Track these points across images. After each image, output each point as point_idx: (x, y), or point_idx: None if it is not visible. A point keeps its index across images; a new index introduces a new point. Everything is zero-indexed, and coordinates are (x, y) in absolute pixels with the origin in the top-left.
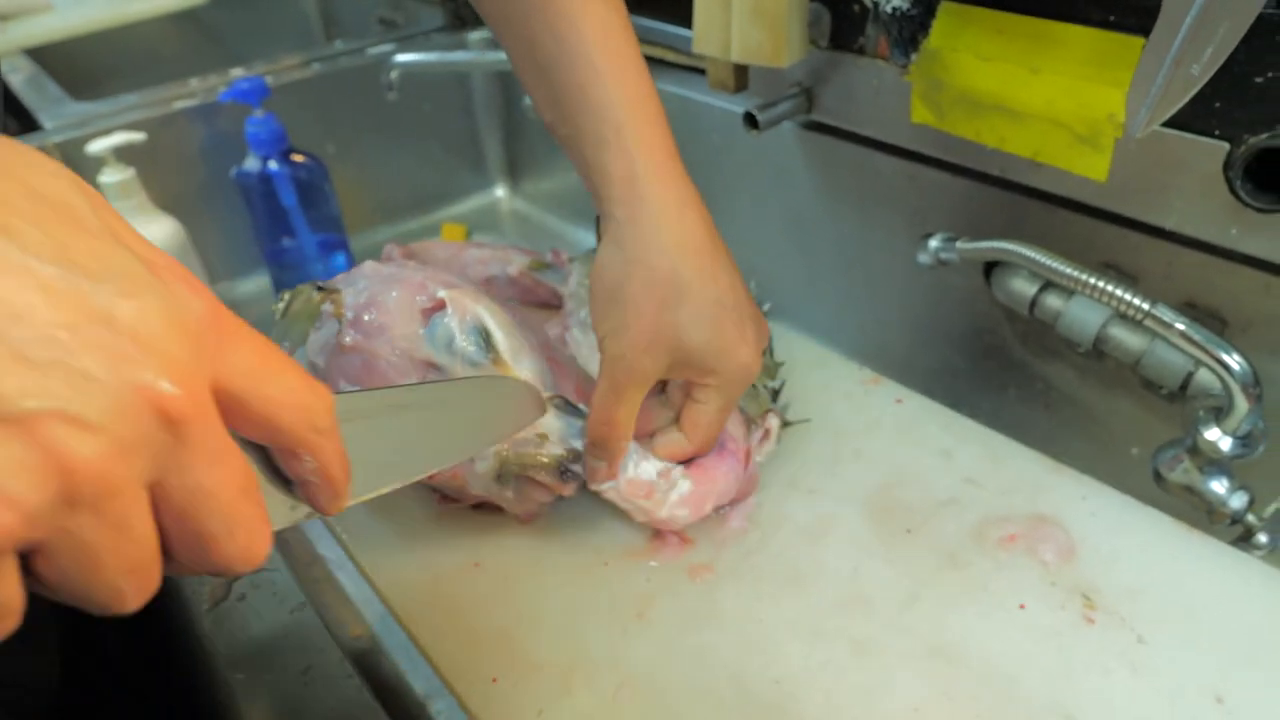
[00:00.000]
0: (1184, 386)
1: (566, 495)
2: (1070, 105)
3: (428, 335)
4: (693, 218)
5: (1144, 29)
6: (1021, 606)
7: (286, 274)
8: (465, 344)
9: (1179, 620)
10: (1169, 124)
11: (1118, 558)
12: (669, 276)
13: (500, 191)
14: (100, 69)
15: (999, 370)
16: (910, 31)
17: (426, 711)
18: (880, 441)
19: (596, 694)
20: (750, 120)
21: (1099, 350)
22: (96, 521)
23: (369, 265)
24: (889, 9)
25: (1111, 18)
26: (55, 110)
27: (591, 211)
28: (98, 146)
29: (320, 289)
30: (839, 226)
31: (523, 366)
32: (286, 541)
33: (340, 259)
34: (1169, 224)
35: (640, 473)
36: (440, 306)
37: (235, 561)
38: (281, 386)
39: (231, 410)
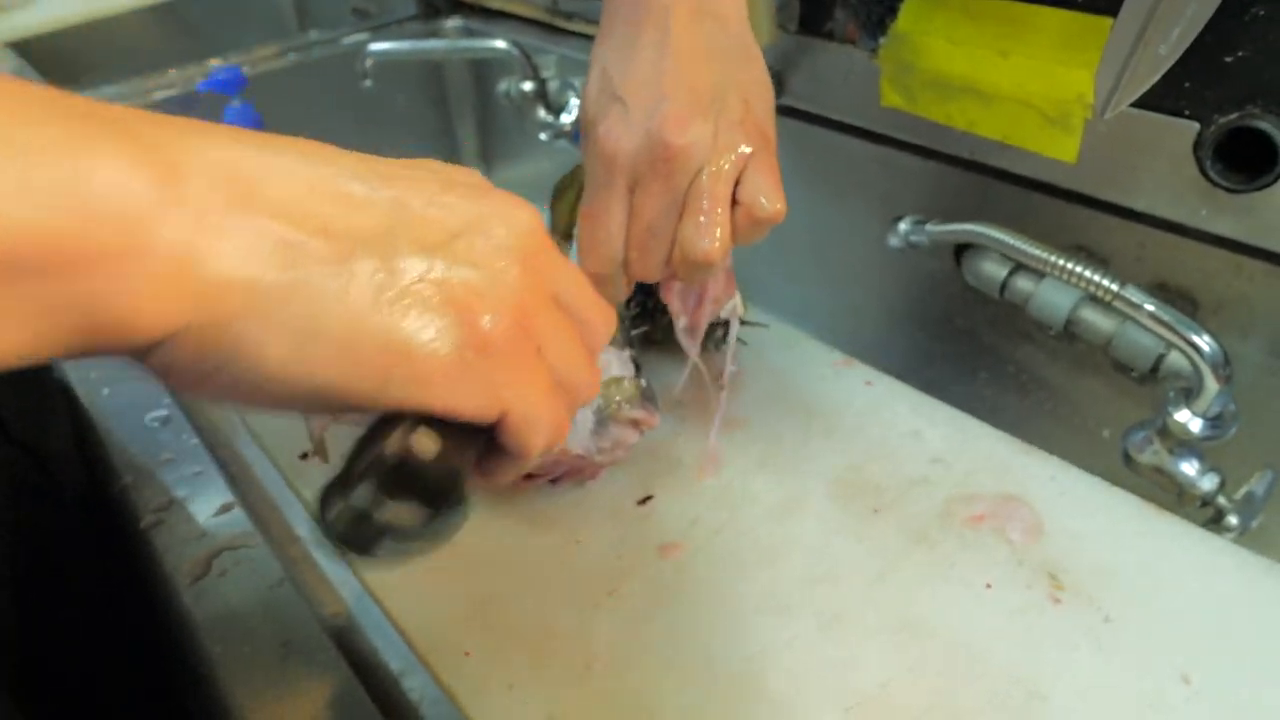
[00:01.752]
0: (1155, 369)
1: (654, 426)
2: (1040, 87)
3: None
4: (643, 15)
5: (1113, 10)
6: (988, 585)
7: None
8: None
9: (1146, 600)
10: (1139, 104)
11: (1085, 538)
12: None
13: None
14: (82, 62)
15: (970, 354)
16: (879, 14)
17: (400, 686)
18: (849, 422)
19: (567, 669)
20: None
21: (1070, 333)
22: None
23: None
24: None
25: None
26: None
27: None
28: None
29: None
30: (811, 210)
31: None
32: (265, 520)
33: None
34: (1139, 205)
35: None
36: None
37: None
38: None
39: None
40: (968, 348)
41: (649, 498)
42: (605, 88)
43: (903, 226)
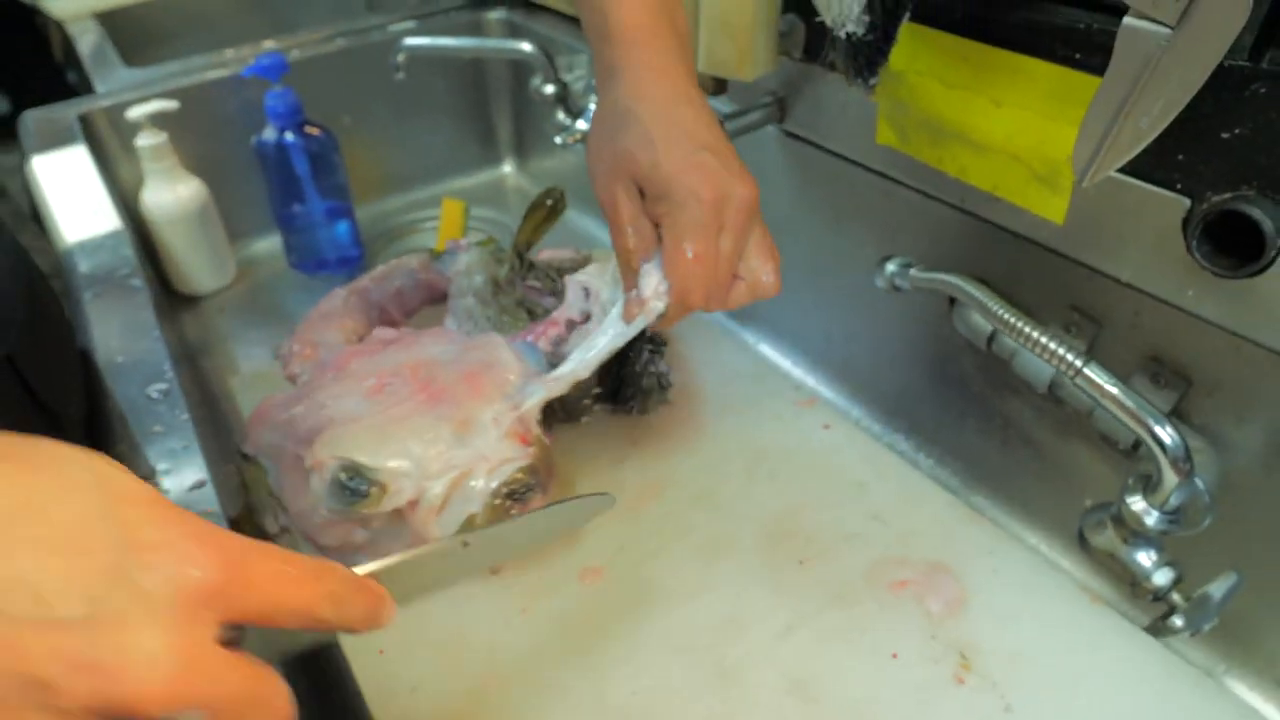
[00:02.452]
0: (1136, 446)
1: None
2: (1030, 142)
3: (318, 500)
4: (669, 80)
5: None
6: (895, 655)
7: (295, 236)
8: (338, 499)
9: (1054, 694)
10: (1129, 172)
11: (1008, 619)
12: (621, 109)
13: (508, 168)
14: (160, 33)
15: (959, 400)
16: (867, 56)
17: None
18: (798, 466)
19: (467, 679)
20: None
21: (1055, 396)
22: None
23: (265, 409)
24: (843, 34)
25: (1076, 55)
26: (108, 74)
27: (588, 196)
28: (136, 113)
29: (245, 457)
30: (811, 235)
31: (405, 461)
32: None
33: (344, 226)
34: (1124, 275)
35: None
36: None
37: None
38: (290, 607)
39: (266, 620)
40: (956, 393)
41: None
42: (680, 142)
43: (889, 268)
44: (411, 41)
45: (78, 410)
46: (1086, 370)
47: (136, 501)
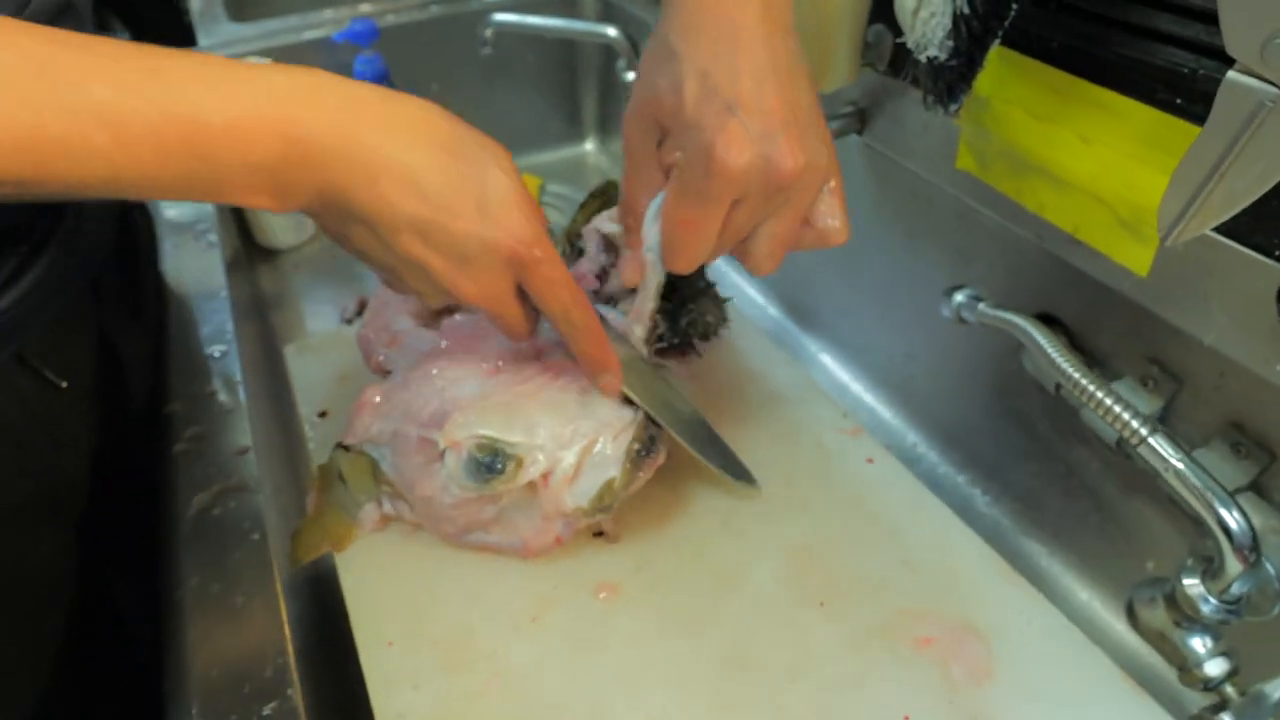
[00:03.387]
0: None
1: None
2: (1116, 185)
3: (451, 480)
4: (727, 19)
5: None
6: (906, 717)
7: None
8: (475, 477)
9: None
10: (1223, 231)
11: (1035, 696)
12: (666, 45)
13: (589, 146)
14: None
15: (1021, 439)
16: (949, 83)
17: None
18: (832, 500)
19: (469, 681)
20: None
21: (1124, 451)
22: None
23: (370, 399)
24: (924, 57)
25: (1178, 100)
26: (212, 29)
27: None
28: None
29: (345, 449)
30: (886, 250)
31: (537, 435)
32: (272, 469)
33: None
34: (1208, 339)
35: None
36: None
37: (578, 326)
38: (554, 300)
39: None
40: (1019, 432)
41: (602, 533)
42: (711, 94)
43: (957, 299)
44: (500, 18)
45: (139, 344)
46: (1151, 440)
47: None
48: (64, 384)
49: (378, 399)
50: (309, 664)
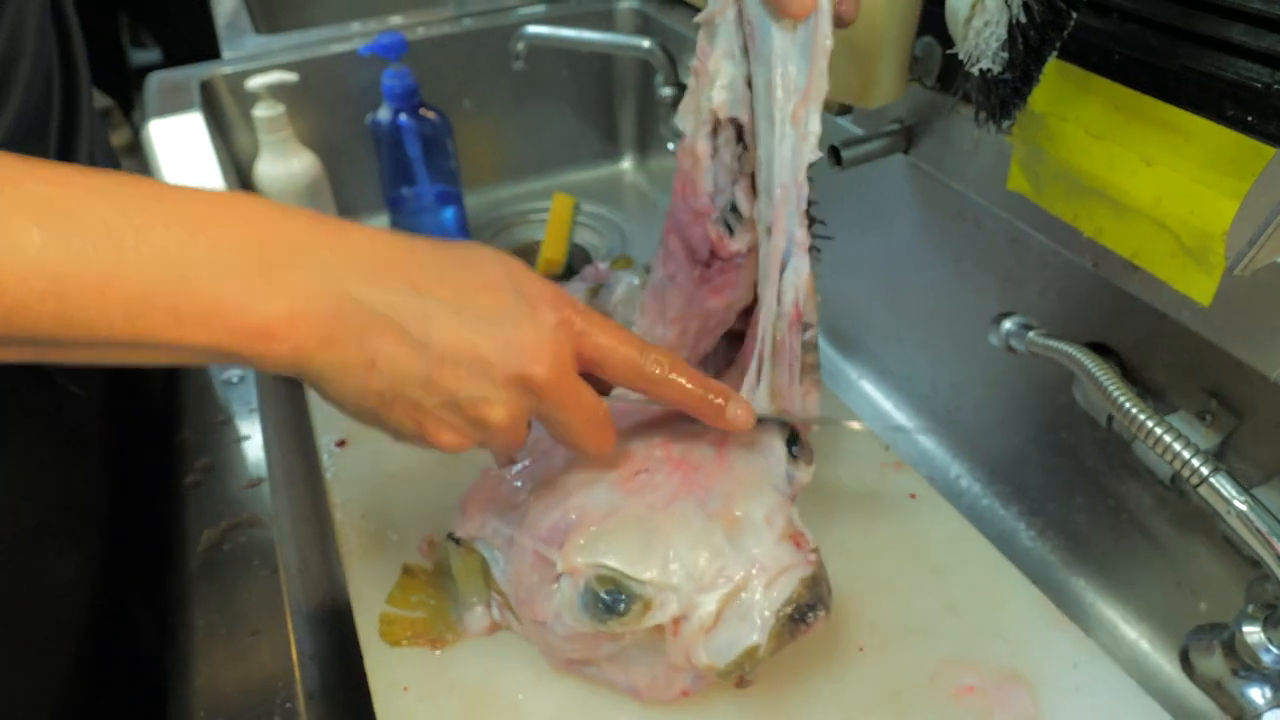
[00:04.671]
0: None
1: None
2: (1180, 210)
3: (566, 611)
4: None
5: None
6: None
7: (403, 218)
8: (591, 614)
9: None
10: None
11: None
12: None
13: (627, 164)
14: (293, 2)
15: (1070, 473)
16: (1002, 98)
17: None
18: (873, 539)
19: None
20: (834, 155)
21: (1178, 488)
22: (508, 438)
23: (483, 490)
24: (976, 70)
25: (1249, 118)
26: (236, 42)
27: None
28: (255, 83)
29: (456, 541)
30: (931, 274)
31: (672, 574)
32: (287, 502)
33: (452, 212)
34: (1274, 374)
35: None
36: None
37: (591, 453)
38: (616, 356)
39: (594, 365)
40: (1068, 465)
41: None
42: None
43: (1006, 326)
44: (532, 30)
45: (157, 384)
46: (1213, 480)
47: (529, 278)
48: (80, 392)
49: (494, 488)
50: (320, 706)
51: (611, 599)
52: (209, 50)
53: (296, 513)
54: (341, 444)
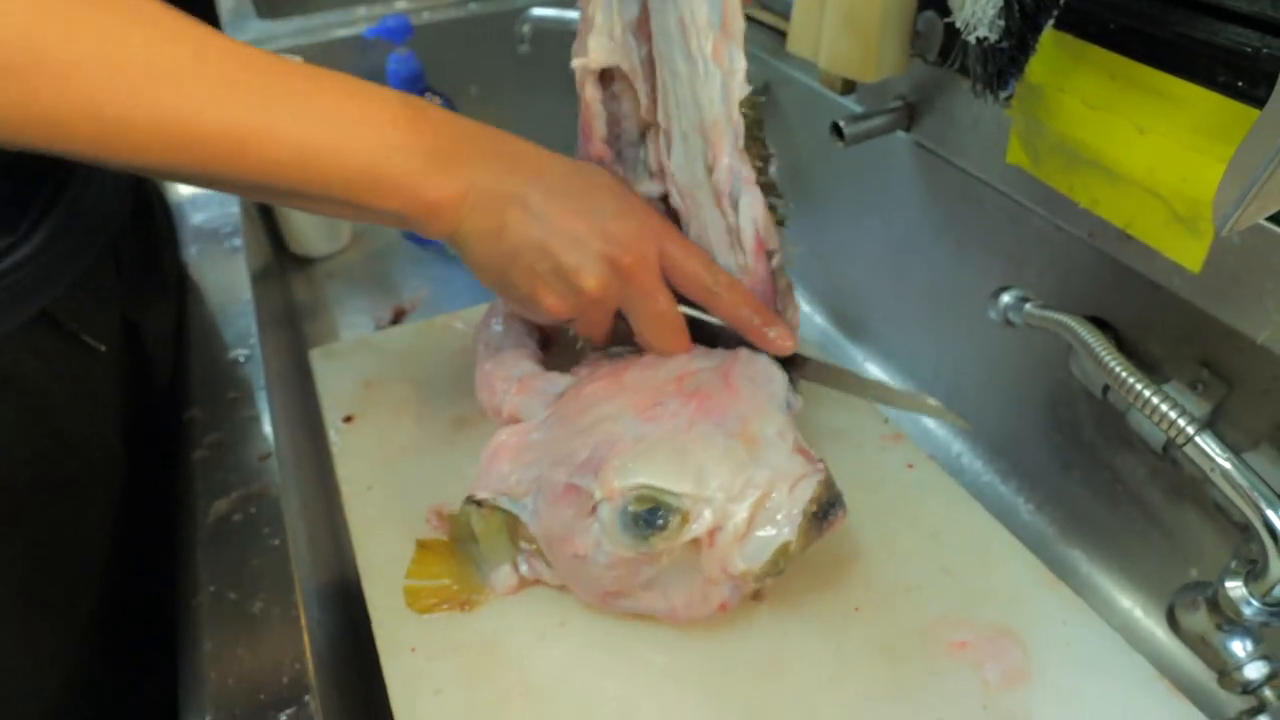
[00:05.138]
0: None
1: None
2: (1172, 177)
3: (605, 536)
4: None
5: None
6: None
7: None
8: (632, 533)
9: None
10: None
11: (1070, 700)
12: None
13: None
14: None
15: (1067, 447)
16: (1000, 66)
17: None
18: (870, 506)
19: (493, 688)
20: (836, 132)
21: (1171, 457)
22: (598, 313)
23: (506, 443)
24: (973, 38)
25: (1240, 83)
26: (239, 24)
27: None
28: None
29: (478, 503)
30: (934, 254)
31: (707, 485)
32: (295, 477)
33: None
34: (1260, 337)
35: None
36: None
37: (663, 349)
38: (686, 266)
39: (667, 271)
40: (1065, 438)
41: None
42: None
43: (1004, 300)
44: (538, 13)
45: (159, 325)
46: (1197, 439)
47: (631, 192)
48: (102, 347)
49: (515, 442)
50: (329, 671)
51: (651, 515)
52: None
53: (304, 486)
54: (348, 419)
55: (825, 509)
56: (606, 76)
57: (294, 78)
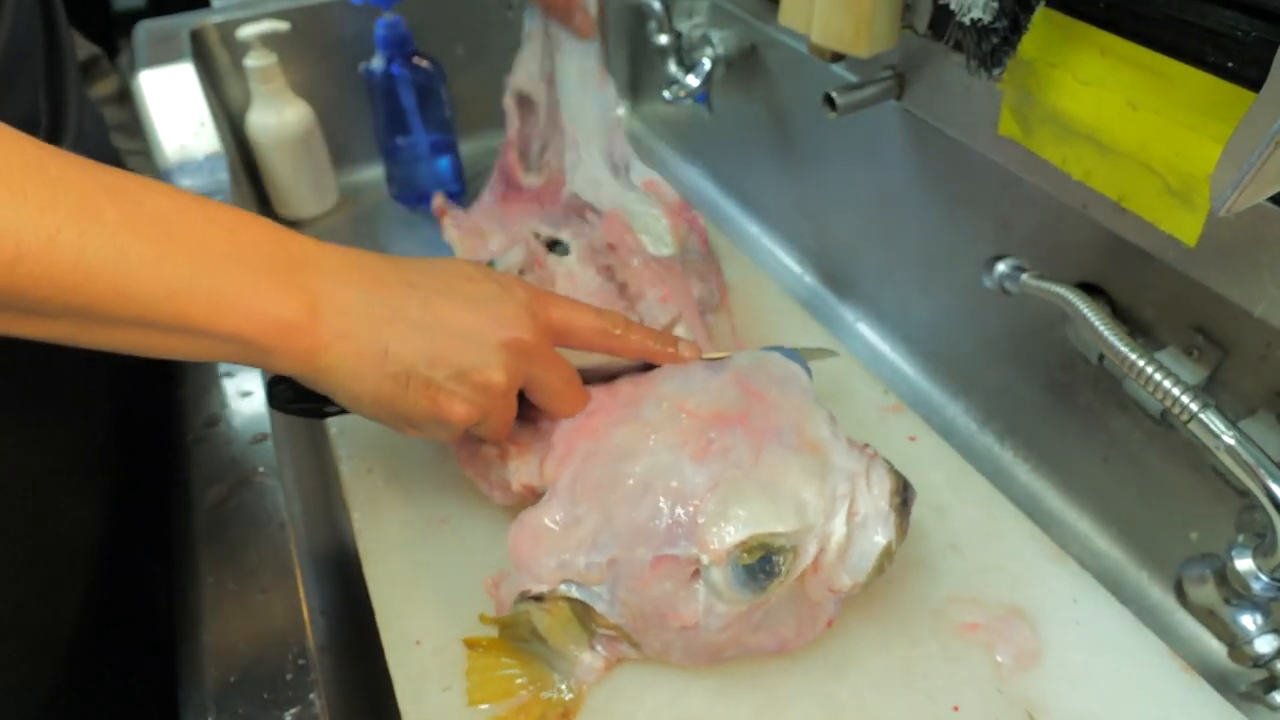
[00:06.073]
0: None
1: None
2: (1165, 152)
3: (718, 599)
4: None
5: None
6: (956, 708)
7: (398, 168)
8: (750, 587)
9: None
10: (1276, 199)
11: (1083, 681)
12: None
13: (619, 111)
14: None
15: (1063, 408)
16: (993, 46)
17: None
18: None
19: None
20: (829, 102)
21: (1168, 422)
22: (505, 405)
23: (541, 530)
24: (968, 19)
25: (1230, 64)
26: None
27: (701, 149)
28: (247, 32)
29: (538, 599)
30: (925, 218)
31: (807, 513)
32: (293, 456)
33: (447, 161)
34: (1256, 310)
35: None
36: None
37: (568, 413)
38: (580, 321)
39: (563, 334)
40: (1060, 401)
41: None
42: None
43: (1000, 269)
44: None
45: None
46: (1202, 416)
47: (497, 272)
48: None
49: (551, 523)
50: (333, 661)
51: (765, 564)
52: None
53: (301, 468)
54: None
55: (904, 494)
56: (524, 102)
57: (115, 178)
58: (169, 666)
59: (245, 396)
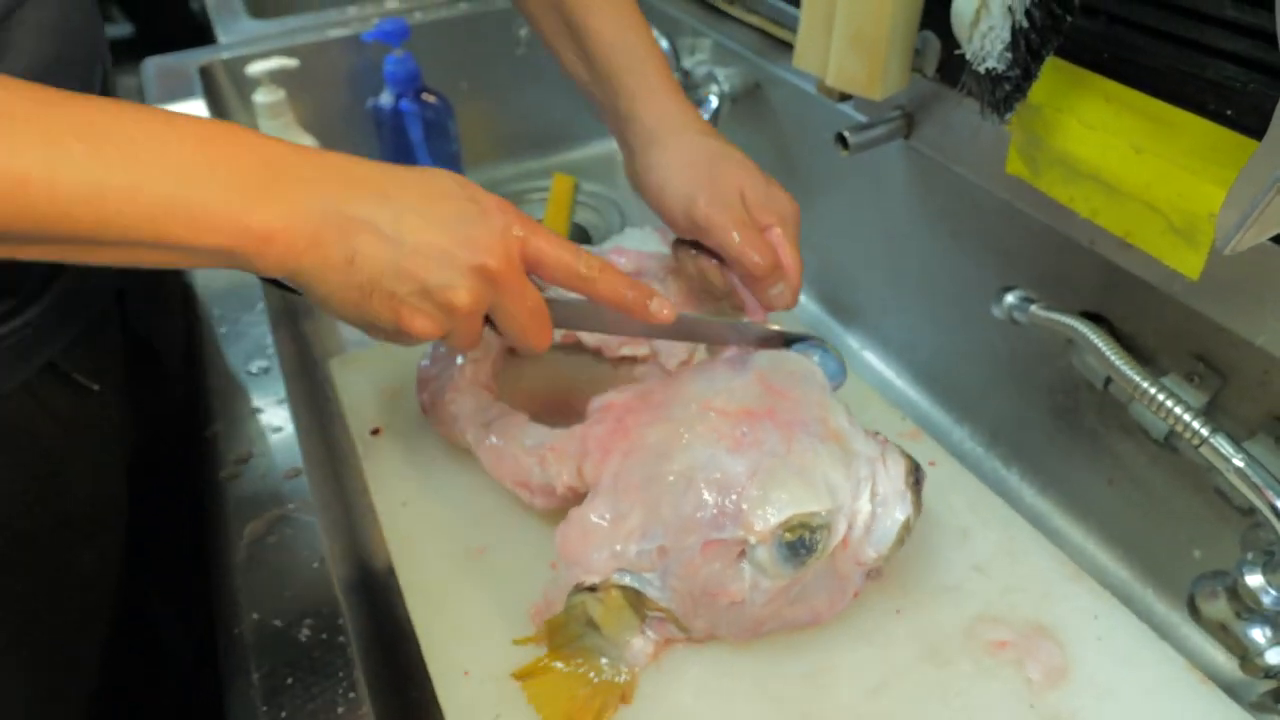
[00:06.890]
0: (1254, 508)
1: None
2: (1169, 194)
3: (763, 575)
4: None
5: (1261, 133)
6: None
7: None
8: (792, 563)
9: None
10: (1277, 236)
11: (1109, 696)
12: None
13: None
14: None
15: (1068, 433)
16: (1005, 94)
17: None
18: None
19: None
20: (841, 141)
21: (1172, 445)
22: (469, 324)
23: (590, 526)
24: (983, 69)
25: (1229, 112)
26: (231, 26)
27: None
28: (256, 69)
29: (592, 589)
30: (930, 250)
31: (839, 494)
32: (328, 491)
33: None
34: (1258, 340)
35: None
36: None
37: (532, 346)
38: (553, 256)
39: (534, 266)
40: (1066, 426)
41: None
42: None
43: (1009, 299)
44: None
45: (168, 345)
46: (1213, 440)
47: (479, 190)
48: (95, 386)
49: (598, 518)
50: (378, 694)
51: (804, 541)
52: (184, 27)
53: (335, 502)
54: (375, 432)
55: (917, 476)
56: None
57: (83, 110)
58: (182, 708)
59: (277, 432)
